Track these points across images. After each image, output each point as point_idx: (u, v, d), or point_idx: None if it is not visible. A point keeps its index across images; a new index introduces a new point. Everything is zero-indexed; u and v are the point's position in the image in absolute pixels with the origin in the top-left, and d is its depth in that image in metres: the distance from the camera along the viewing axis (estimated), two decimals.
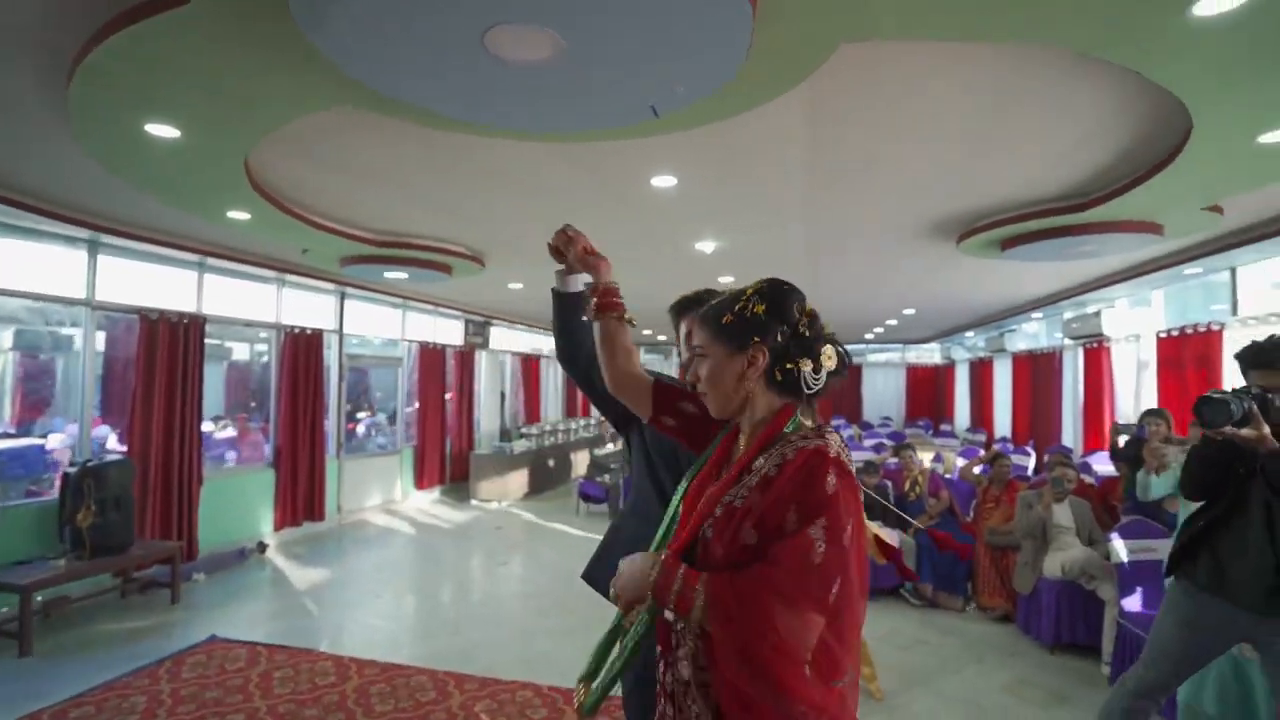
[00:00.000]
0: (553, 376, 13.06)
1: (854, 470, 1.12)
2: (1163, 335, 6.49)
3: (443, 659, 3.93)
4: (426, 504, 8.89)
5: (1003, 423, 10.92)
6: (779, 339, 1.16)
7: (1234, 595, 2.04)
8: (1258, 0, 1.81)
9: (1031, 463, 7.84)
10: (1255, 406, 1.86)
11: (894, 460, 6.16)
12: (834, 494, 1.03)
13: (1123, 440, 4.97)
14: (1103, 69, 2.38)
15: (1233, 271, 5.70)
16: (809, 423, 1.19)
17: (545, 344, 12.25)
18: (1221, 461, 2.00)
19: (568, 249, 1.58)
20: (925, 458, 8.50)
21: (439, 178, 3.71)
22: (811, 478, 1.05)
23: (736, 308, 1.19)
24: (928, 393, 15.28)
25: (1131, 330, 7.15)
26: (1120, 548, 3.85)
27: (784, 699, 0.96)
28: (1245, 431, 1.86)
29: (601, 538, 2.02)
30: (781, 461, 1.09)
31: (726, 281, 6.89)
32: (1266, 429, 1.86)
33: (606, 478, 8.40)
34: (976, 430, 11.43)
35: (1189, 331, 6.11)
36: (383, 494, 8.40)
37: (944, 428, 13.30)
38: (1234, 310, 5.70)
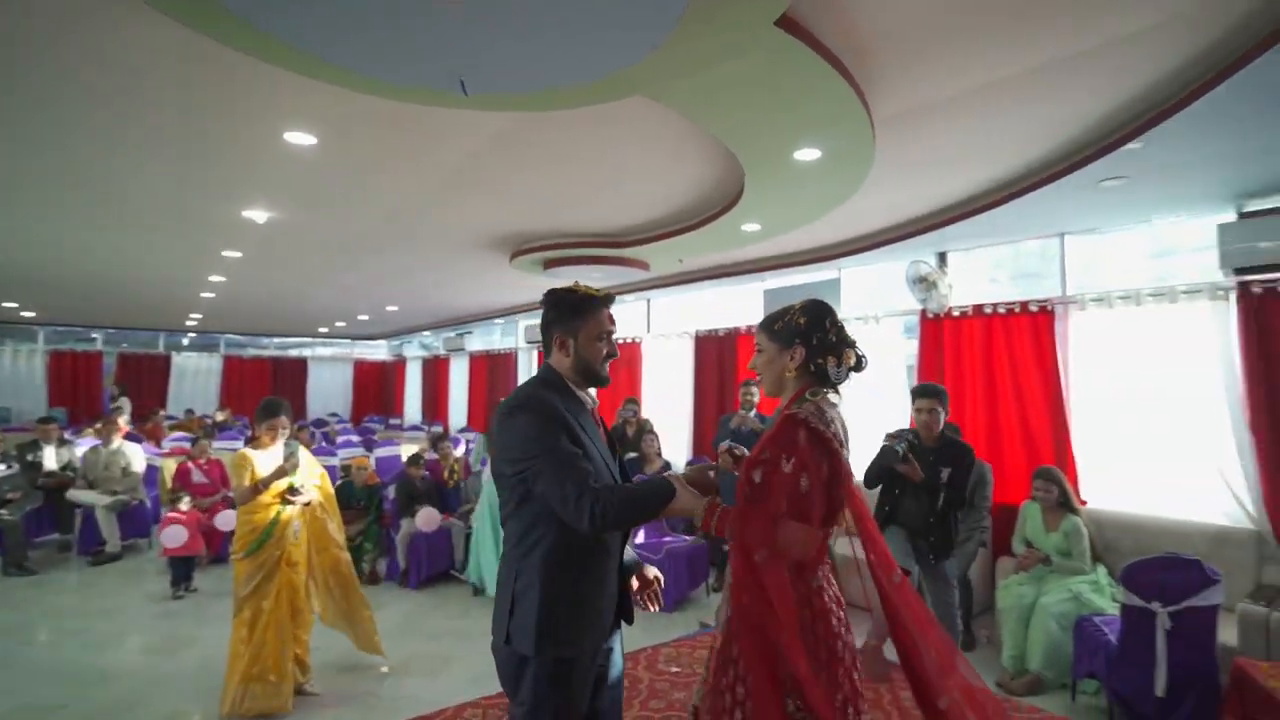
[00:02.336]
0: None
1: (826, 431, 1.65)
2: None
3: None
4: None
5: (458, 415, 12.26)
6: (814, 342, 1.64)
7: (906, 525, 3.43)
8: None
9: None
10: (908, 448, 3.28)
11: (432, 454, 6.46)
12: (801, 444, 1.53)
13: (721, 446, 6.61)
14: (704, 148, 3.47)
15: (648, 302, 8.20)
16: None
17: None
18: (888, 472, 3.36)
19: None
20: (403, 451, 8.95)
21: None
22: (787, 433, 1.56)
23: (786, 318, 1.71)
24: (375, 388, 15.62)
25: None
26: None
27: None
28: (903, 467, 3.28)
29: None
30: (774, 422, 1.63)
31: (232, 255, 5.85)
32: (915, 465, 3.28)
33: None
34: (432, 423, 12.47)
35: (619, 341, 8.45)
36: None
37: (394, 421, 13.91)
38: (647, 328, 8.22)
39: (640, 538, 5.12)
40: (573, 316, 1.72)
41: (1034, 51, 2.28)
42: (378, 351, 16.11)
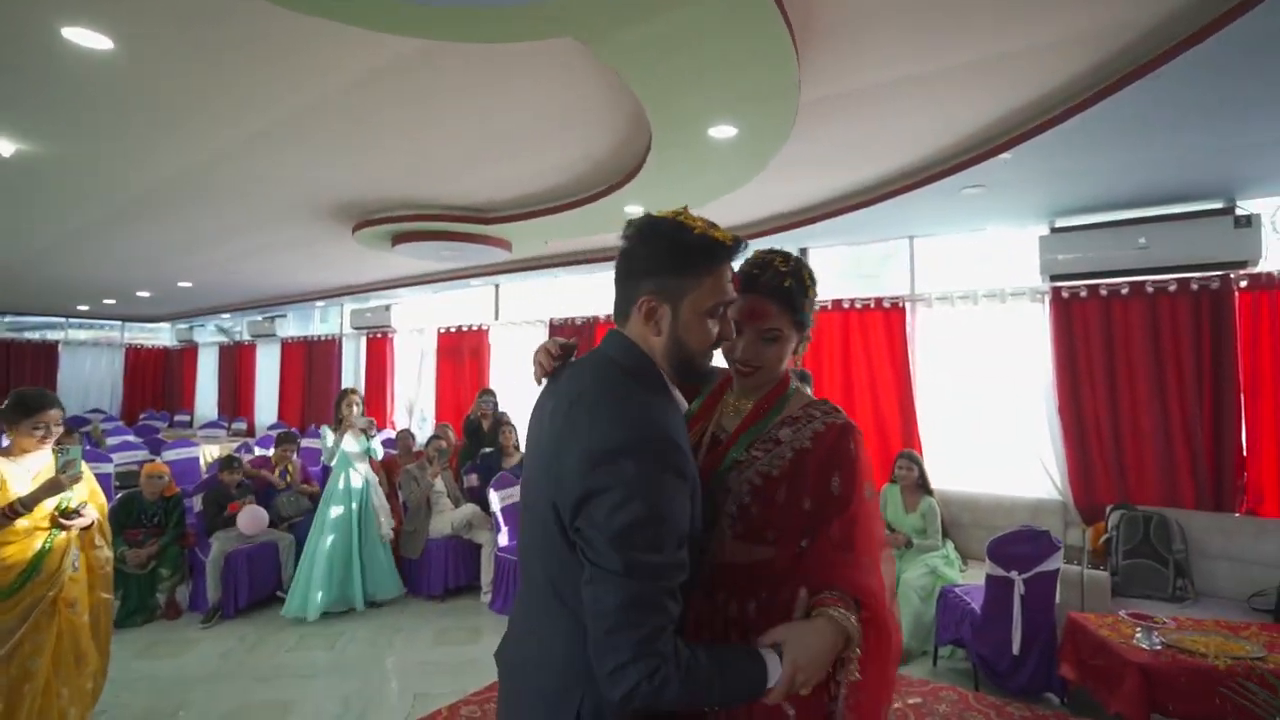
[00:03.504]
0: None
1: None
2: (443, 331, 8.08)
3: None
4: None
5: (267, 410, 10.72)
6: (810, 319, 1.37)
7: None
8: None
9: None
10: None
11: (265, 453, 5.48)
12: (862, 460, 1.26)
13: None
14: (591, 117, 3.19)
15: (497, 287, 7.72)
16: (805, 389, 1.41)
17: None
18: None
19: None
20: (202, 453, 7.65)
21: None
22: (844, 448, 1.26)
23: (810, 294, 1.32)
24: (155, 379, 13.17)
25: (416, 325, 8.52)
26: (495, 498, 4.83)
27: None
28: None
29: None
30: (813, 435, 1.27)
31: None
32: None
33: None
34: (234, 419, 10.78)
35: (464, 329, 7.88)
36: None
37: (181, 418, 11.87)
38: (496, 315, 7.74)
39: (504, 539, 4.74)
40: (681, 268, 1.11)
41: (960, 49, 2.32)
42: (159, 336, 13.66)
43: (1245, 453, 3.93)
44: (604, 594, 0.99)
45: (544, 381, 1.30)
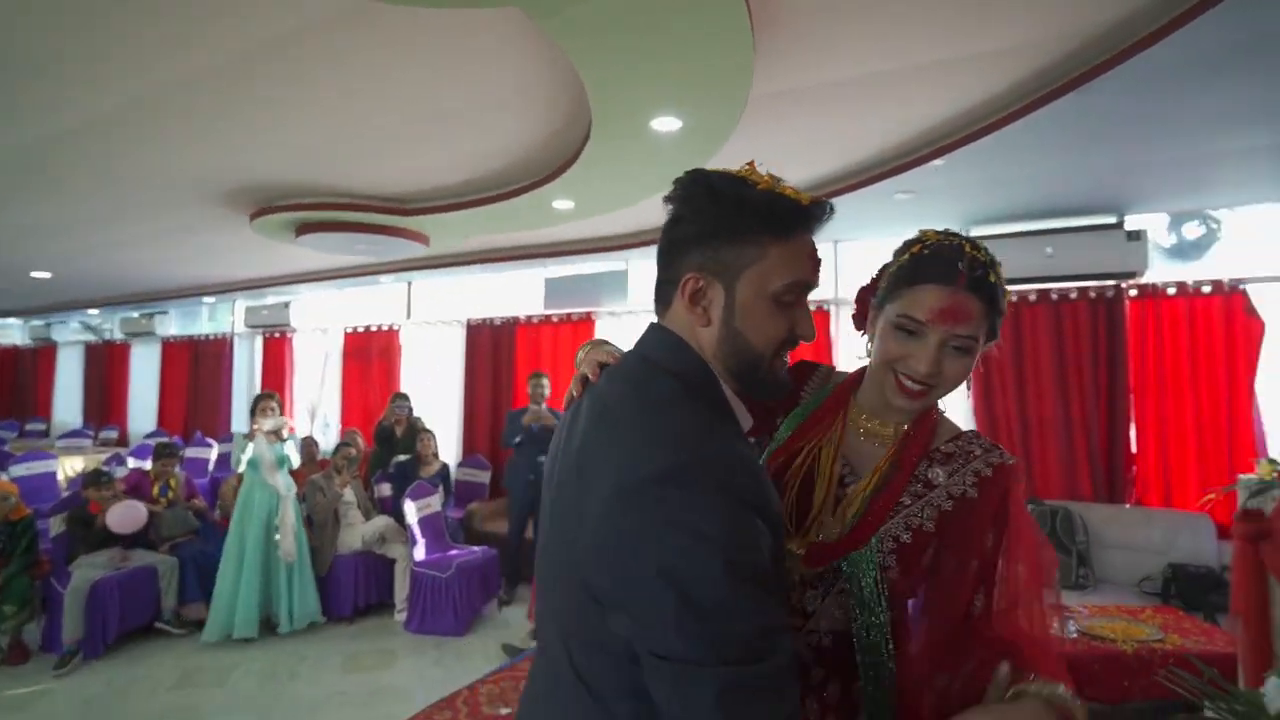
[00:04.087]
0: None
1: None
2: (350, 330, 7.57)
3: None
4: None
5: (143, 418, 9.67)
6: None
7: None
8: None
9: (214, 453, 7.49)
10: None
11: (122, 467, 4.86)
12: (1024, 514, 1.00)
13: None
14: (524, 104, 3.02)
15: (409, 285, 7.32)
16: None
17: None
18: None
19: None
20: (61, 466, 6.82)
21: None
22: (1016, 500, 0.98)
23: (1005, 289, 1.00)
24: (3, 382, 11.61)
25: (319, 324, 7.92)
26: (411, 509, 4.52)
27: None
28: None
29: None
30: (978, 480, 0.99)
31: None
32: None
33: None
34: (103, 427, 9.64)
35: (374, 329, 7.41)
36: None
37: (34, 426, 10.53)
38: (408, 314, 7.34)
39: (420, 553, 4.44)
40: (739, 233, 0.85)
41: (912, 52, 2.32)
42: (9, 333, 12.09)
43: (1135, 448, 4.25)
44: (692, 696, 0.69)
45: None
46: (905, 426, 1.04)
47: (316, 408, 7.79)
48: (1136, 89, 2.45)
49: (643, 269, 6.17)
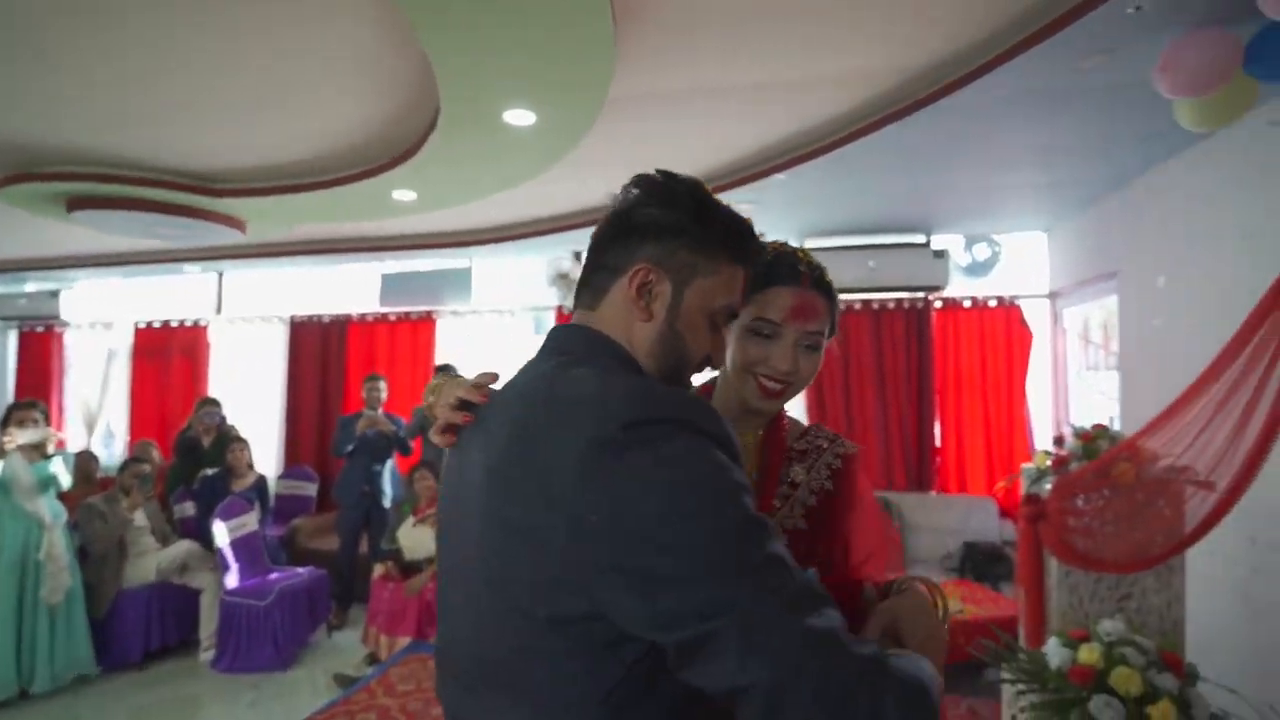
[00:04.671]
0: None
1: None
2: (142, 326, 6.55)
3: None
4: None
5: None
6: None
7: None
8: None
9: None
10: None
11: None
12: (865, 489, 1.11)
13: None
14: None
15: (220, 275, 6.48)
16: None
17: None
18: None
19: None
20: None
21: None
22: (864, 486, 1.10)
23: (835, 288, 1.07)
24: None
25: (101, 317, 6.75)
26: (221, 530, 3.97)
27: None
28: None
29: None
30: (831, 473, 1.06)
31: None
32: None
33: None
34: None
35: (174, 325, 6.47)
36: None
37: None
38: (219, 309, 6.50)
39: (233, 580, 3.91)
40: (700, 243, 0.84)
41: (768, 68, 2.41)
42: None
43: (939, 443, 4.81)
44: (776, 637, 0.60)
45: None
46: (760, 433, 1.07)
47: (96, 416, 6.64)
48: (947, 123, 2.75)
49: (487, 267, 5.95)
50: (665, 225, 0.83)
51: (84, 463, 4.82)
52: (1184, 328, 2.98)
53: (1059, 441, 2.86)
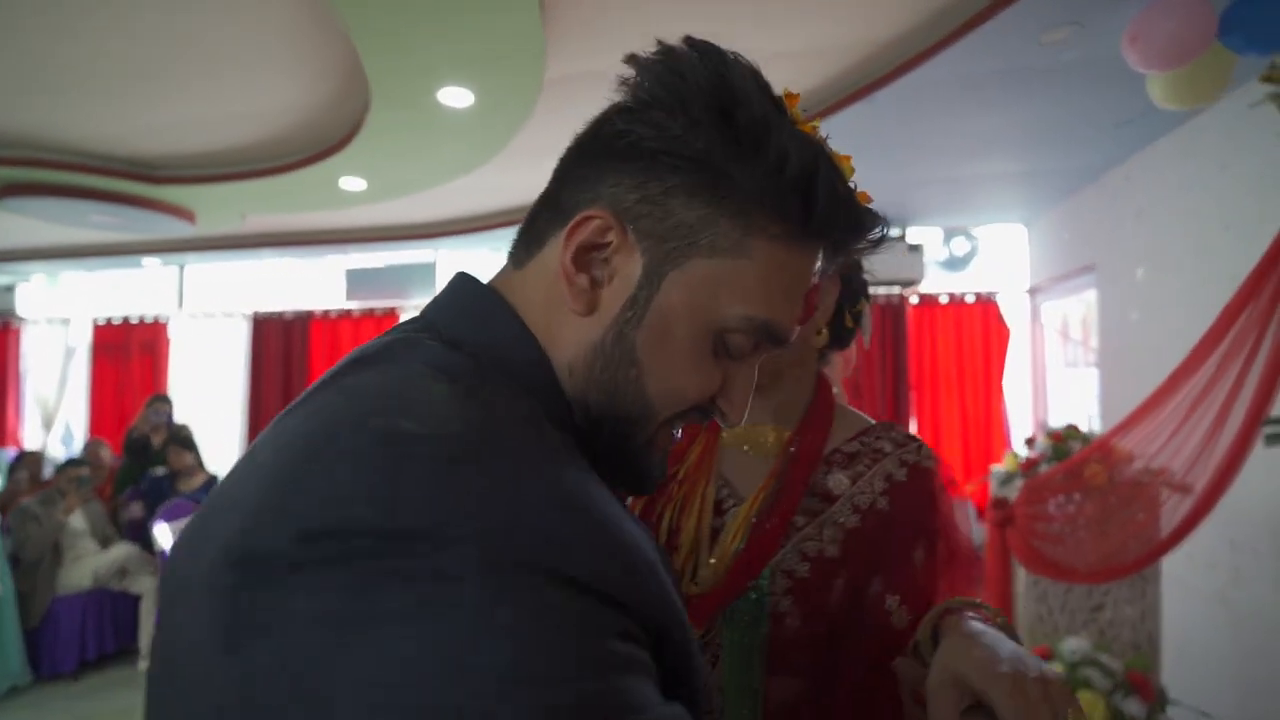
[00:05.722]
0: None
1: None
2: (101, 322, 6.35)
3: None
4: None
5: None
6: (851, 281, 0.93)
7: None
8: None
9: None
10: None
11: None
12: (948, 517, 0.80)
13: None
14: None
15: (181, 269, 6.28)
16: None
17: None
18: None
19: None
20: None
21: None
22: (931, 500, 0.78)
23: None
24: None
25: (60, 312, 6.53)
26: (164, 531, 3.78)
27: None
28: None
29: None
30: (889, 486, 0.76)
31: None
32: None
33: None
34: None
35: (134, 321, 6.27)
36: None
37: None
38: (180, 304, 6.31)
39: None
40: (727, 194, 0.44)
41: (720, 41, 2.25)
42: None
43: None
44: None
45: None
46: (789, 433, 0.80)
47: (54, 415, 6.43)
48: (913, 106, 2.61)
49: (453, 261, 5.78)
50: (663, 145, 0.44)
51: (31, 464, 4.62)
52: (1163, 321, 2.85)
53: (1032, 443, 2.72)
